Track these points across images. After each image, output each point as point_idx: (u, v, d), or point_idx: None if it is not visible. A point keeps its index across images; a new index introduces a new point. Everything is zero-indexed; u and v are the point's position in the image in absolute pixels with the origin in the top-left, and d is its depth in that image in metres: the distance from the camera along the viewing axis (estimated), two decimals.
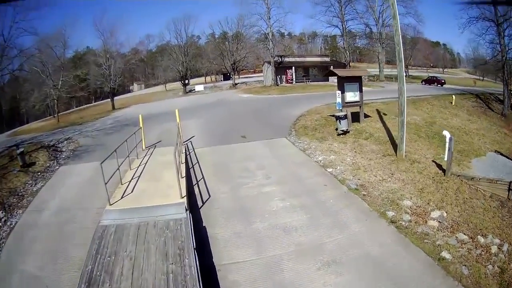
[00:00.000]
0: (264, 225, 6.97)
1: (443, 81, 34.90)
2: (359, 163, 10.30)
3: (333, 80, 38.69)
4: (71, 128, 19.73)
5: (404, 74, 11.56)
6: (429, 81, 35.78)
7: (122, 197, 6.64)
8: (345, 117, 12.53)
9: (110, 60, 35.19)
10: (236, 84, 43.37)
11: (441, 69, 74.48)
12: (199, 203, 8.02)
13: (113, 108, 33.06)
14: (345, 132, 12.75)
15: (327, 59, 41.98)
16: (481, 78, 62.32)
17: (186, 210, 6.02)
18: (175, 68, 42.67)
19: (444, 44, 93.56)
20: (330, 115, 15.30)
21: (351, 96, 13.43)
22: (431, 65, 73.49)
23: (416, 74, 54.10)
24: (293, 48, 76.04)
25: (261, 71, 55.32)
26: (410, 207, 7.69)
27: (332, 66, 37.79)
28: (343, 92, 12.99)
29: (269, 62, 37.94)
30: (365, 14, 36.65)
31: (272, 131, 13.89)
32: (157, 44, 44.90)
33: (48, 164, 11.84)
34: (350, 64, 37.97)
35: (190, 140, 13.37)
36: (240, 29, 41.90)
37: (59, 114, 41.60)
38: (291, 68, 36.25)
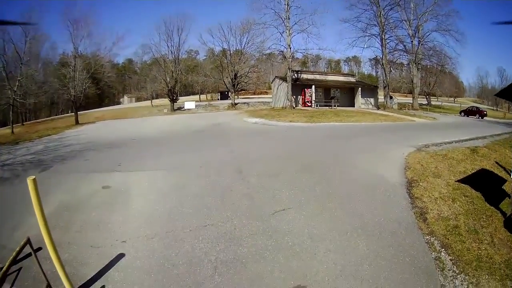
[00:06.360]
0: None
1: (485, 112, 31.25)
2: None
3: (360, 106, 31.41)
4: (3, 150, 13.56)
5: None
6: (470, 112, 32.01)
7: None
8: None
9: (76, 59, 27.03)
10: (236, 104, 35.28)
11: (449, 98, 69.65)
12: None
13: (76, 122, 25.86)
14: None
15: (352, 79, 33.88)
16: (495, 108, 57.63)
17: None
18: (163, 79, 34.65)
19: (450, 72, 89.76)
20: (458, 181, 6.77)
21: None
22: (440, 94, 68.29)
23: (434, 103, 49.01)
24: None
25: (262, 93, 48.51)
26: None
27: (360, 88, 30.25)
28: None
29: (282, 78, 29.85)
30: (399, 25, 29.61)
31: (386, 270, 3.81)
32: (152, 56, 38.09)
33: None
34: (388, 88, 30.23)
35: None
36: (248, 33, 34.55)
37: (26, 122, 33.13)
38: (311, 87, 27.94)
